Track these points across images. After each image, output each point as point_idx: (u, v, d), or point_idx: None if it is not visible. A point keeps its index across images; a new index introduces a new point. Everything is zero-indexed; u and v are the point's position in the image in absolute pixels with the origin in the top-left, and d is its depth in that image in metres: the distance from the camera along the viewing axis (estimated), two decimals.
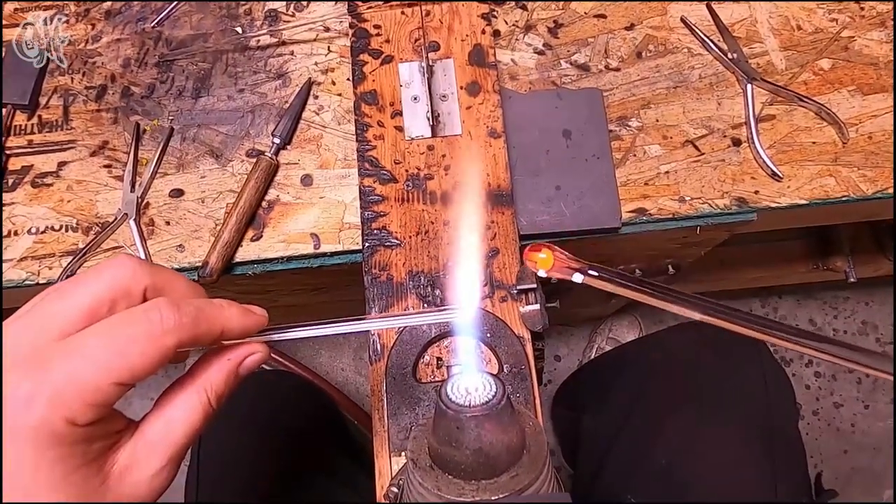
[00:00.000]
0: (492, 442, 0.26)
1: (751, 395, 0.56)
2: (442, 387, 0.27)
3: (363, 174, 0.51)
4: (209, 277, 0.52)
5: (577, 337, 1.23)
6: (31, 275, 0.53)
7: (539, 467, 0.27)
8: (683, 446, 0.54)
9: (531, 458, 0.27)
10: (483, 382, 0.27)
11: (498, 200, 0.51)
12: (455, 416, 0.26)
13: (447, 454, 0.26)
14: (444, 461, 0.27)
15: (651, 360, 0.64)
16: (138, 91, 0.58)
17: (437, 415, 0.27)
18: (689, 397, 0.57)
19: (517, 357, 0.46)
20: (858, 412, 1.18)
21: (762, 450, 0.52)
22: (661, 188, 0.55)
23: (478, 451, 0.26)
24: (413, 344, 0.46)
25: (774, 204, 0.54)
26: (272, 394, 0.67)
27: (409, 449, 0.28)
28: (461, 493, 0.26)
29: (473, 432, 0.25)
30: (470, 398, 0.26)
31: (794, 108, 0.57)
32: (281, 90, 0.58)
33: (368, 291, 0.49)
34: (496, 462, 0.26)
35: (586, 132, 0.56)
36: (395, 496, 0.33)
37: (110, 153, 0.56)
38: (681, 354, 0.61)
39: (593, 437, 0.62)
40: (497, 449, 0.26)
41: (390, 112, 0.53)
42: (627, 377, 0.65)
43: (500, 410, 0.26)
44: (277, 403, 0.65)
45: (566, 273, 0.29)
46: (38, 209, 0.54)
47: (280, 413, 0.64)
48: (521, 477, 0.26)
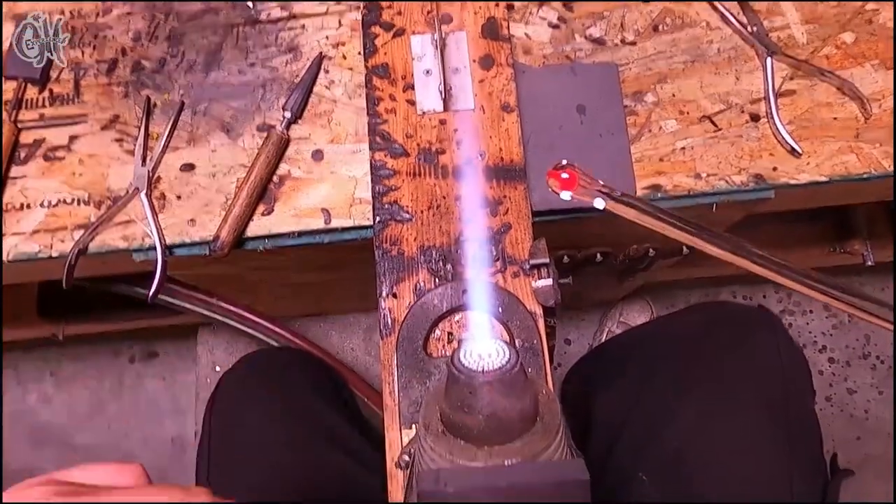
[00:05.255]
0: (505, 407, 0.25)
1: (766, 372, 0.55)
2: (455, 353, 0.27)
3: (374, 148, 0.51)
4: (220, 251, 0.51)
5: (588, 321, 1.22)
6: (44, 248, 0.53)
7: (552, 434, 0.26)
8: (697, 424, 0.54)
9: (544, 425, 0.27)
10: (496, 349, 0.27)
11: (510, 175, 0.50)
12: (468, 381, 0.25)
13: (460, 420, 0.26)
14: (456, 427, 0.26)
15: (663, 338, 0.63)
16: (149, 65, 0.58)
17: (450, 380, 0.26)
18: (702, 374, 0.56)
19: (529, 332, 0.45)
20: (872, 398, 1.17)
21: (777, 427, 0.52)
22: (677, 164, 0.54)
23: (490, 416, 0.25)
24: (424, 318, 0.46)
25: (793, 181, 0.53)
26: (281, 367, 0.67)
27: (421, 415, 0.28)
28: (473, 457, 0.25)
29: (486, 397, 0.25)
30: (483, 364, 0.26)
31: (815, 83, 0.55)
32: (292, 64, 0.57)
33: (379, 266, 0.48)
34: (509, 428, 0.26)
35: (601, 107, 0.55)
36: (407, 464, 0.33)
37: (121, 127, 0.56)
38: (694, 331, 0.60)
39: (605, 415, 0.61)
40: (510, 415, 0.26)
41: (402, 86, 0.52)
42: (639, 356, 0.64)
43: (514, 376, 0.25)
44: (286, 377, 0.65)
45: (589, 196, 0.28)
46: (50, 183, 0.54)
47: (289, 386, 0.64)
48: (534, 443, 0.26)
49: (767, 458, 0.50)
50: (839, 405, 1.17)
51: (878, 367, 1.18)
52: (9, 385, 1.21)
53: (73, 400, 1.21)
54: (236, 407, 0.64)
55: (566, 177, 0.29)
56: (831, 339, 1.20)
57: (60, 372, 1.22)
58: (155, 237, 0.52)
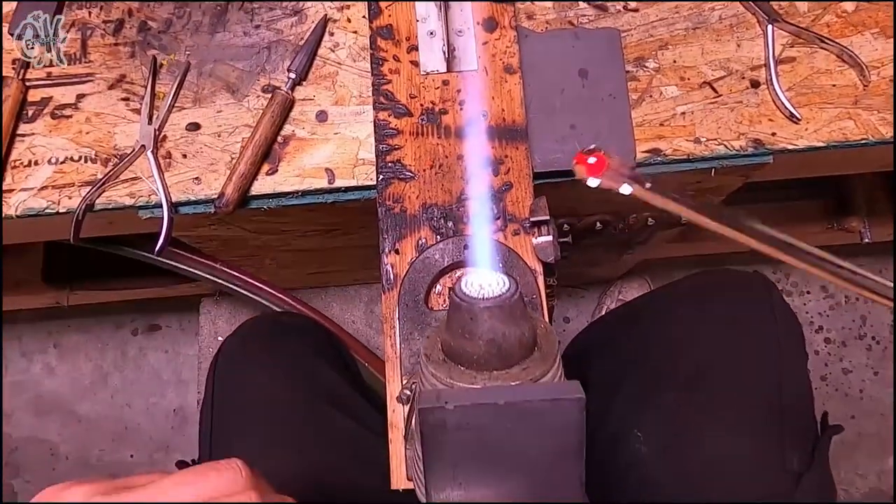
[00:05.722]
0: (504, 333, 0.26)
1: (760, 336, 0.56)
2: (457, 283, 0.27)
3: (378, 108, 0.51)
4: (225, 208, 0.52)
5: (587, 300, 1.23)
6: (52, 203, 0.54)
7: (550, 362, 0.27)
8: (690, 386, 0.55)
9: (542, 354, 0.28)
10: (496, 279, 0.27)
11: (512, 135, 0.51)
12: (469, 307, 0.26)
13: (460, 346, 0.27)
14: (457, 354, 0.27)
15: (659, 304, 0.64)
16: (155, 26, 0.58)
17: (452, 309, 0.27)
18: (697, 338, 0.57)
19: (529, 287, 0.46)
20: (867, 379, 1.18)
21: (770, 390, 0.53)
22: (677, 129, 0.55)
23: (490, 341, 0.26)
24: (426, 272, 0.47)
25: (791, 146, 0.54)
26: (283, 331, 0.68)
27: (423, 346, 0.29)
28: (473, 381, 0.26)
29: (487, 323, 0.26)
30: (483, 292, 0.27)
31: (815, 51, 0.56)
32: (297, 27, 0.58)
33: (382, 223, 0.49)
34: (508, 354, 0.27)
35: (603, 72, 0.55)
36: (408, 398, 0.34)
37: (128, 87, 0.57)
38: (689, 297, 0.61)
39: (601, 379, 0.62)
40: (509, 341, 0.26)
41: (406, 47, 0.53)
42: (635, 323, 0.65)
43: (513, 304, 0.26)
44: (288, 340, 0.66)
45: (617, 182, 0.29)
46: (58, 140, 0.55)
47: (291, 349, 0.65)
48: (531, 369, 0.27)
49: (758, 418, 0.52)
50: (834, 384, 1.19)
51: (874, 348, 1.19)
52: (13, 356, 1.23)
53: (76, 371, 1.22)
54: (239, 370, 0.65)
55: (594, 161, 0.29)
56: (828, 319, 1.21)
57: (64, 343, 1.23)
58: (161, 194, 0.53)
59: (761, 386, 0.53)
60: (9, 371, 1.22)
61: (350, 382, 0.66)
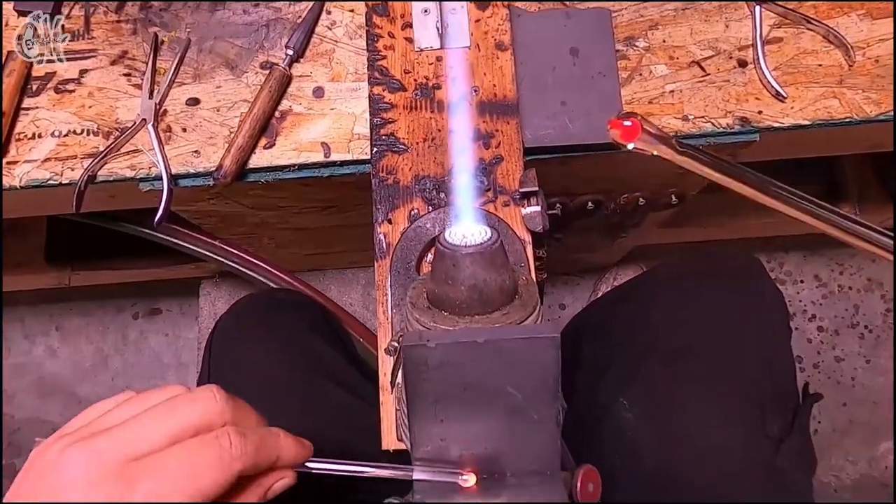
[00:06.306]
0: (485, 279, 0.28)
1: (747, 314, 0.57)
2: (441, 233, 0.29)
3: (373, 83, 0.53)
4: (223, 179, 0.54)
5: (583, 287, 1.24)
6: (55, 175, 0.55)
7: (530, 309, 0.29)
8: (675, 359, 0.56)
9: (522, 301, 0.29)
10: (479, 230, 0.29)
11: (503, 110, 0.52)
12: (452, 254, 0.28)
13: (444, 292, 0.28)
14: (441, 300, 0.29)
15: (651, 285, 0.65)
16: (157, 3, 0.59)
17: (436, 257, 0.28)
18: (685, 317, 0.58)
19: (517, 256, 0.47)
20: (860, 366, 1.19)
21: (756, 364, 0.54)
22: (665, 107, 0.56)
23: (472, 287, 0.27)
24: (418, 241, 0.48)
25: (777, 124, 0.55)
26: (278, 307, 0.69)
27: (409, 296, 0.30)
28: (455, 325, 0.28)
29: (469, 269, 0.27)
30: (466, 241, 0.28)
31: (801, 31, 0.57)
32: (295, 5, 0.59)
33: (375, 194, 0.50)
34: (489, 300, 0.28)
35: (593, 51, 0.57)
36: (395, 349, 0.36)
37: (129, 62, 0.58)
38: (678, 277, 0.62)
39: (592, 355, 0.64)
40: (490, 287, 0.28)
41: (401, 24, 0.54)
42: (627, 302, 0.66)
43: (493, 251, 0.28)
44: (283, 315, 0.68)
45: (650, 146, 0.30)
46: (61, 114, 0.57)
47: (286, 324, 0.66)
48: (511, 315, 0.28)
49: (740, 388, 0.53)
50: (826, 372, 1.20)
51: (866, 336, 1.21)
52: (16, 338, 1.24)
53: (77, 354, 1.24)
54: (234, 346, 0.66)
55: (629, 125, 0.30)
56: (821, 308, 1.22)
57: (66, 326, 1.25)
58: (161, 166, 0.54)
59: (744, 359, 0.54)
60: (11, 353, 1.24)
61: (344, 356, 0.67)
